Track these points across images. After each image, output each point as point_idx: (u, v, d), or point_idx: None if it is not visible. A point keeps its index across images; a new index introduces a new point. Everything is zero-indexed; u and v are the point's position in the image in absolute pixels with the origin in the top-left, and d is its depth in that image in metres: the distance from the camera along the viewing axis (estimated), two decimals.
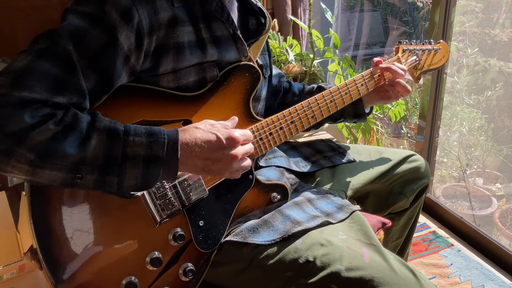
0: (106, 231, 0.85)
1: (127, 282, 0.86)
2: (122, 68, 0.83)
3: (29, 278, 1.34)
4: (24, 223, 0.90)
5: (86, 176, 0.75)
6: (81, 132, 0.75)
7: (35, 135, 0.71)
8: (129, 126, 0.79)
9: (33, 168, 0.72)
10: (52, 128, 0.73)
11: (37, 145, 0.72)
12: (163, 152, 0.79)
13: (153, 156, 0.79)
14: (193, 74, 0.94)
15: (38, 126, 0.72)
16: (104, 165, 0.76)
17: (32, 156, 0.71)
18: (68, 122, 0.75)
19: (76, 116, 0.76)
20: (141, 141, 0.78)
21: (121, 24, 0.81)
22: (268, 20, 1.08)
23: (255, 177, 1.03)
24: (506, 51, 2.40)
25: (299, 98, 1.26)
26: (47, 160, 0.72)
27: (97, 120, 0.78)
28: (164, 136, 0.80)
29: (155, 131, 0.80)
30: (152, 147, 0.78)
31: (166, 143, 0.79)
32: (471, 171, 2.56)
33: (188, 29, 0.91)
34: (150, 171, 0.79)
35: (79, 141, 0.75)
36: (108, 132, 0.77)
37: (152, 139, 0.79)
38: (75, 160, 0.74)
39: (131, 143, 0.78)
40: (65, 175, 0.74)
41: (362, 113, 1.25)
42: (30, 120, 0.71)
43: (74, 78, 0.77)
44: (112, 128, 0.78)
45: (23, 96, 0.72)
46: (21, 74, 0.73)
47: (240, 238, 0.96)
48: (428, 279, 0.91)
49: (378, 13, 3.46)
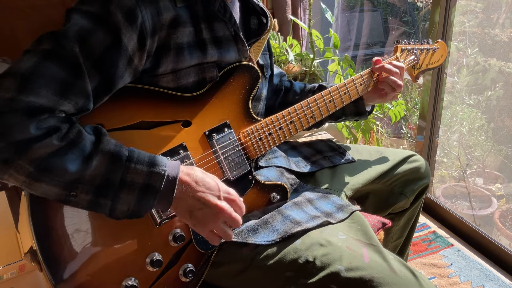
0: (106, 232, 0.85)
1: (127, 283, 0.86)
2: (125, 69, 0.83)
3: (29, 278, 1.34)
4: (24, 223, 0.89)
5: (80, 195, 0.76)
6: (84, 151, 0.75)
7: (37, 148, 0.71)
8: (133, 152, 0.79)
9: (30, 180, 0.72)
10: (56, 143, 0.73)
11: (38, 159, 0.72)
12: (161, 184, 0.79)
13: (150, 186, 0.79)
14: (193, 75, 0.94)
15: (42, 139, 0.72)
16: (101, 187, 0.76)
17: (31, 169, 0.71)
18: (71, 139, 0.75)
19: (80, 133, 0.76)
20: (142, 170, 0.78)
21: (125, 25, 0.81)
22: (270, 20, 1.08)
23: (255, 177, 1.03)
24: (506, 51, 2.40)
25: (300, 97, 1.27)
26: (45, 174, 0.72)
27: (102, 142, 0.77)
28: (164, 169, 0.79)
29: (157, 162, 0.80)
30: (151, 177, 0.78)
31: (166, 176, 0.79)
32: (471, 171, 2.56)
33: (188, 30, 0.91)
34: (144, 200, 0.79)
35: (80, 160, 0.75)
36: (111, 156, 0.77)
37: (153, 169, 0.79)
38: (72, 178, 0.74)
39: (132, 170, 0.78)
40: (60, 191, 0.74)
41: (363, 111, 1.25)
42: (35, 131, 0.71)
43: (80, 81, 0.77)
44: (116, 152, 0.77)
45: (30, 101, 0.71)
46: (28, 76, 0.73)
47: (240, 238, 0.96)
48: (428, 279, 0.91)
49: (378, 13, 3.46)
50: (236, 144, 1.00)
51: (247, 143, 1.01)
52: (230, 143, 0.99)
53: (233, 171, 1.00)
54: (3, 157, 0.70)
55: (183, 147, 0.93)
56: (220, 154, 0.98)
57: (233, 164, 1.00)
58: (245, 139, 1.01)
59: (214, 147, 0.97)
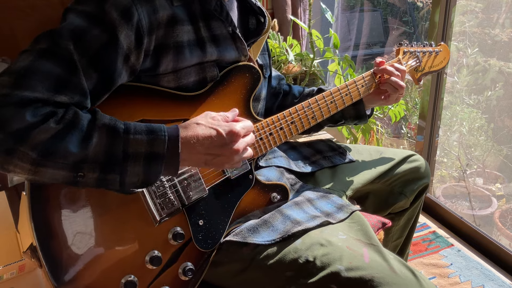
0: (106, 229, 0.85)
1: (126, 280, 0.86)
2: (122, 67, 0.83)
3: (29, 278, 1.34)
4: (24, 223, 0.90)
5: (88, 174, 0.76)
6: (82, 130, 0.75)
7: (36, 133, 0.71)
8: (129, 124, 0.80)
9: (35, 167, 0.73)
10: (54, 126, 0.73)
11: (39, 144, 0.72)
12: (164, 149, 0.79)
13: (154, 153, 0.79)
14: (194, 74, 0.94)
15: (40, 124, 0.72)
16: (105, 163, 0.76)
17: (34, 155, 0.72)
18: (69, 120, 0.75)
19: (77, 114, 0.76)
20: (142, 139, 0.78)
21: (121, 23, 0.81)
22: (267, 19, 1.08)
23: (255, 177, 1.03)
24: (506, 51, 2.40)
25: (299, 100, 1.26)
26: (49, 158, 0.72)
27: (97, 118, 0.78)
28: (164, 133, 0.80)
29: (155, 128, 0.80)
30: (153, 145, 0.79)
31: (167, 140, 0.79)
32: (471, 171, 2.56)
33: (187, 28, 0.91)
34: (151, 168, 0.79)
35: (80, 140, 0.75)
36: (108, 130, 0.77)
37: (153, 136, 0.79)
38: (76, 159, 0.74)
39: (132, 141, 0.78)
40: (67, 174, 0.75)
41: (363, 114, 1.24)
42: (31, 118, 0.71)
43: (75, 77, 0.77)
44: (112, 126, 0.78)
45: (25, 95, 0.72)
46: (23, 74, 0.73)
47: (240, 238, 0.96)
48: (428, 279, 0.91)
49: (378, 13, 3.46)
50: None
51: None
52: None
53: (234, 170, 1.00)
54: (4, 147, 0.70)
55: None
56: None
57: None
58: None
59: None
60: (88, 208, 0.84)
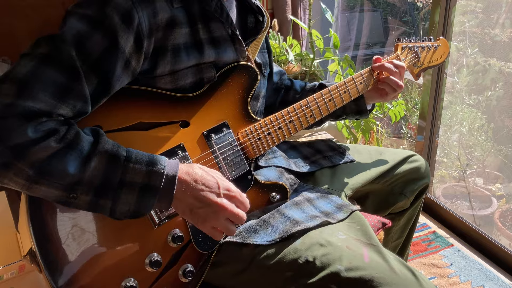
0: (105, 233, 0.85)
1: (126, 284, 0.86)
2: (122, 71, 0.83)
3: (29, 278, 1.34)
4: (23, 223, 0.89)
5: (80, 196, 0.76)
6: (82, 152, 0.75)
7: (36, 151, 0.71)
8: (131, 152, 0.79)
9: (30, 183, 0.73)
10: (54, 145, 0.73)
11: (37, 162, 0.72)
12: (160, 183, 0.79)
13: (150, 185, 0.78)
14: (191, 76, 0.94)
15: (40, 142, 0.72)
16: (100, 187, 0.76)
17: (31, 172, 0.72)
18: (69, 140, 0.75)
19: (78, 135, 0.76)
20: (141, 169, 0.78)
21: (122, 27, 0.81)
22: (266, 18, 1.08)
23: (254, 177, 1.03)
24: (506, 51, 2.40)
25: (301, 95, 1.26)
26: (45, 177, 0.72)
27: (100, 142, 0.77)
28: (163, 167, 0.79)
29: (156, 161, 0.80)
30: (151, 177, 0.78)
31: (165, 175, 0.79)
32: (471, 171, 2.56)
33: (185, 30, 0.91)
34: (144, 199, 0.79)
35: (79, 161, 0.75)
36: (109, 157, 0.77)
37: (152, 168, 0.79)
38: (72, 180, 0.74)
39: (131, 169, 0.78)
40: (60, 193, 0.74)
41: (364, 109, 1.24)
42: (32, 134, 0.71)
43: (78, 84, 0.77)
44: (114, 153, 0.77)
45: (28, 106, 0.72)
46: (26, 81, 0.73)
47: (239, 238, 0.96)
48: (428, 279, 0.90)
49: (378, 13, 3.46)
50: (235, 144, 1.00)
51: (246, 143, 1.01)
52: (229, 143, 0.99)
53: (232, 171, 1.00)
54: (2, 161, 0.70)
55: (181, 148, 0.93)
56: (219, 155, 0.98)
57: (232, 164, 0.99)
58: (243, 139, 1.01)
59: (212, 147, 0.97)
60: (87, 212, 0.83)
